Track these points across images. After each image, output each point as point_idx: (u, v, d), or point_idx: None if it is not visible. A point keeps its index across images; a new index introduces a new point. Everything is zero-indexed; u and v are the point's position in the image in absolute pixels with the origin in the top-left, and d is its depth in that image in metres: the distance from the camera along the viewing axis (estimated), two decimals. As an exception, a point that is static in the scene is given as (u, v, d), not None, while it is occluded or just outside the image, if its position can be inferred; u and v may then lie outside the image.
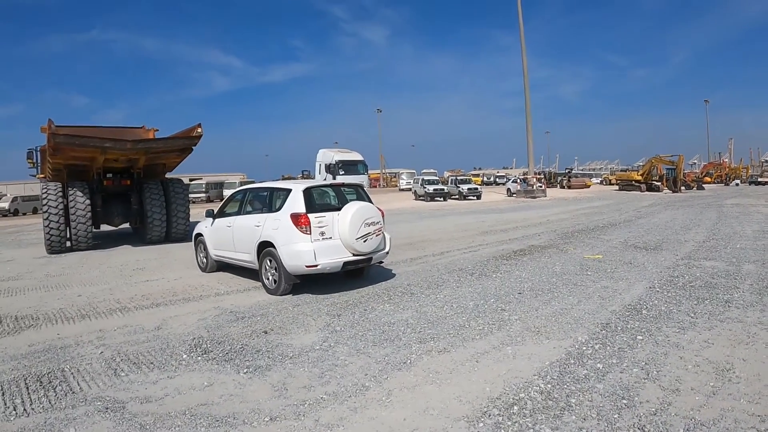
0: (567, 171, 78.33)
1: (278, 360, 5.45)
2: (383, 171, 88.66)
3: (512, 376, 4.84)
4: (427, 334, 6.19)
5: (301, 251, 8.07)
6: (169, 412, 4.28)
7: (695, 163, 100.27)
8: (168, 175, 17.85)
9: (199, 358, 5.60)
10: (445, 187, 44.77)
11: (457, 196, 43.35)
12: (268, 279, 8.64)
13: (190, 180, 43.99)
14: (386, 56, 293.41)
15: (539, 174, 56.31)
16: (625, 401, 4.26)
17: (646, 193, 48.58)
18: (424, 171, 69.87)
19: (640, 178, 53.53)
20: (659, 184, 51.13)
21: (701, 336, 5.82)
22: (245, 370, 5.18)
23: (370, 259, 8.83)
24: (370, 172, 40.69)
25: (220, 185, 55.27)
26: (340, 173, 31.62)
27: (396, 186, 76.08)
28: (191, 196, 49.11)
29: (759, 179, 75.50)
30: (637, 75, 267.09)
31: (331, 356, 5.52)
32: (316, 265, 8.08)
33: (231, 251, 9.78)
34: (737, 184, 73.24)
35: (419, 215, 26.97)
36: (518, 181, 50.57)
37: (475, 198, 43.11)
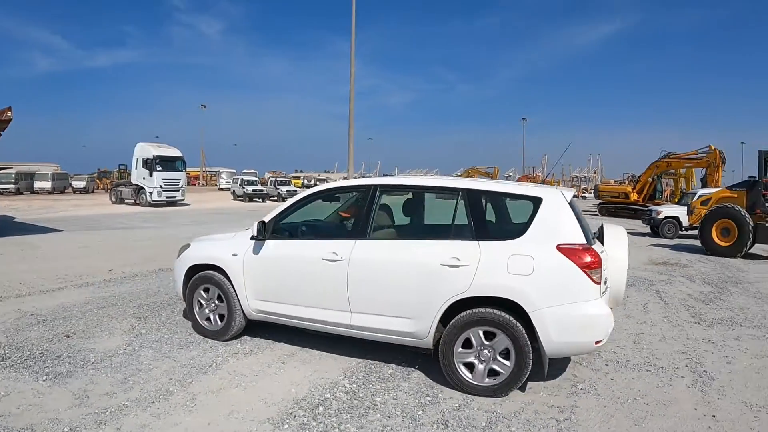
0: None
1: (80, 366, 5.20)
2: (203, 169, 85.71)
3: (318, 377, 5.02)
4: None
5: (596, 316, 4.61)
6: (-37, 425, 3.97)
7: (510, 176, 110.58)
8: None
9: (-4, 365, 5.19)
10: (265, 188, 45.39)
11: (276, 198, 43.27)
12: (471, 368, 4.78)
13: (-1, 169, 39.59)
14: (218, 51, 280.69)
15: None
16: (429, 398, 4.54)
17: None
18: (245, 171, 68.59)
19: (457, 188, 57.76)
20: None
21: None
22: (45, 378, 4.90)
23: None
24: (189, 169, 39.44)
25: (32, 176, 50.97)
26: (158, 169, 31.95)
27: (215, 185, 75.12)
28: (-1, 187, 44.04)
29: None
30: (462, 90, 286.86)
31: (135, 361, 5.37)
32: (601, 340, 4.71)
33: (332, 308, 5.35)
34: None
35: (238, 215, 26.43)
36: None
37: (294, 200, 43.26)
